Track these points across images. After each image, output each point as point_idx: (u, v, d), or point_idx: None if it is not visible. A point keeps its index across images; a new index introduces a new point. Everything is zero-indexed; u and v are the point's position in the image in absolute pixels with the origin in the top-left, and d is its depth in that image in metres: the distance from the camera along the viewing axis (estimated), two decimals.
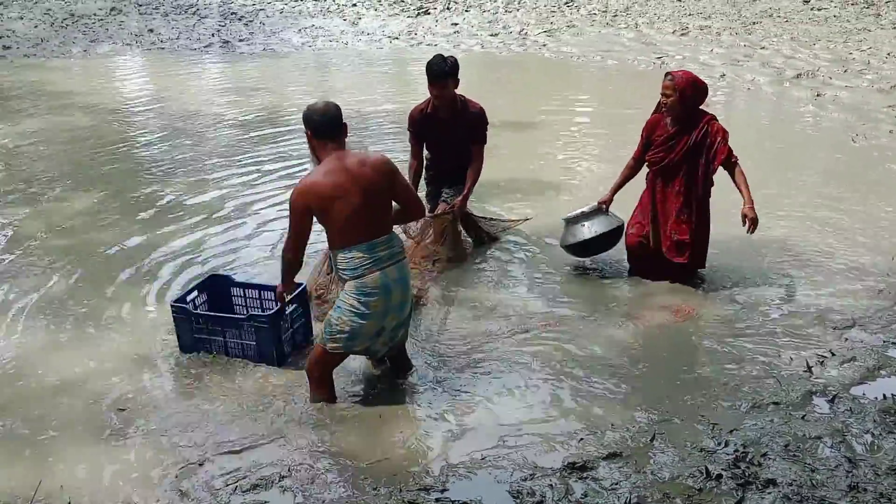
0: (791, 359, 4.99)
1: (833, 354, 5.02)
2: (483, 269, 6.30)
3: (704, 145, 5.62)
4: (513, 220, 7.01)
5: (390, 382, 4.81)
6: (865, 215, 7.20)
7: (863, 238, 6.72)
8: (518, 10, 18.53)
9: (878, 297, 5.75)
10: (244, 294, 5.36)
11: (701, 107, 5.71)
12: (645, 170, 5.96)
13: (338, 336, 4.41)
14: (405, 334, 4.71)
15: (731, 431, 4.27)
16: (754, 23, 16.45)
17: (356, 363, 4.92)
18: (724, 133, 5.64)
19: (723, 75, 12.81)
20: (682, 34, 15.86)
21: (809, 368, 4.86)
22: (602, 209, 6.09)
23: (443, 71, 5.90)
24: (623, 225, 6.08)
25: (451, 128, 6.13)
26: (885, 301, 5.69)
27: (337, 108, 4.40)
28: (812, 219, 7.13)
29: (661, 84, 5.65)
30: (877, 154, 8.96)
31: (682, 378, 4.84)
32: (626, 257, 6.14)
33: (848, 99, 11.18)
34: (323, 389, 4.59)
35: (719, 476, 3.92)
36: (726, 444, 4.16)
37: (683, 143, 5.64)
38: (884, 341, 5.18)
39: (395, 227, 4.60)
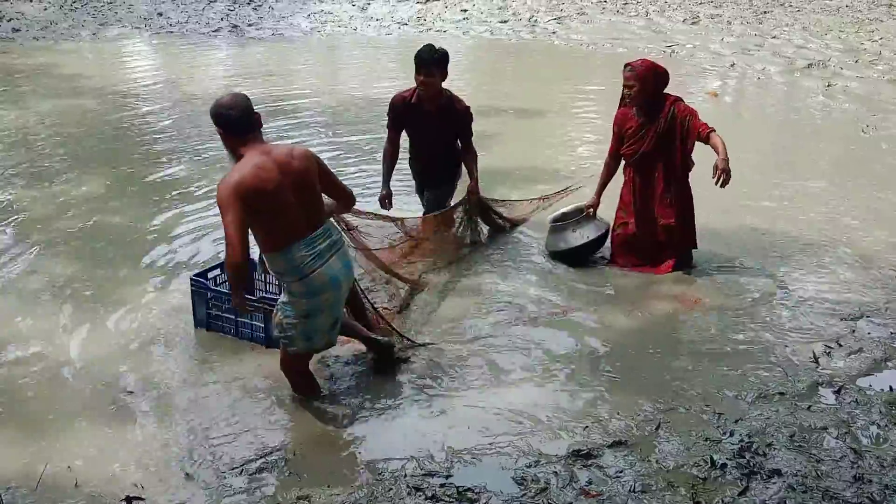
0: (797, 349, 4.99)
1: (840, 345, 5.01)
2: (489, 258, 6.29)
3: (675, 127, 5.63)
4: (540, 199, 6.99)
5: (393, 368, 4.82)
6: (875, 206, 7.18)
7: (872, 229, 6.70)
8: None
9: (885, 288, 5.74)
10: (265, 279, 5.30)
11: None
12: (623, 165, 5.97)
13: (295, 339, 4.29)
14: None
15: (737, 421, 4.27)
16: (765, 12, 16.37)
17: (360, 348, 4.94)
18: (693, 111, 5.67)
19: (733, 64, 12.76)
20: (693, 23, 15.79)
21: (816, 359, 4.86)
22: (588, 213, 6.06)
23: (431, 59, 5.78)
24: (609, 228, 6.07)
25: (433, 121, 6.00)
26: (893, 293, 5.67)
27: (246, 100, 4.15)
28: (821, 209, 7.12)
29: (673, 72, 5.68)
30: (886, 145, 8.93)
31: (688, 367, 4.84)
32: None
33: (859, 89, 11.13)
34: (301, 387, 4.53)
35: (724, 465, 3.92)
36: (731, 434, 4.16)
37: (653, 130, 5.66)
38: (891, 333, 5.17)
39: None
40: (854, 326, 5.24)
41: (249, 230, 4.01)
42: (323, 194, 4.28)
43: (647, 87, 5.58)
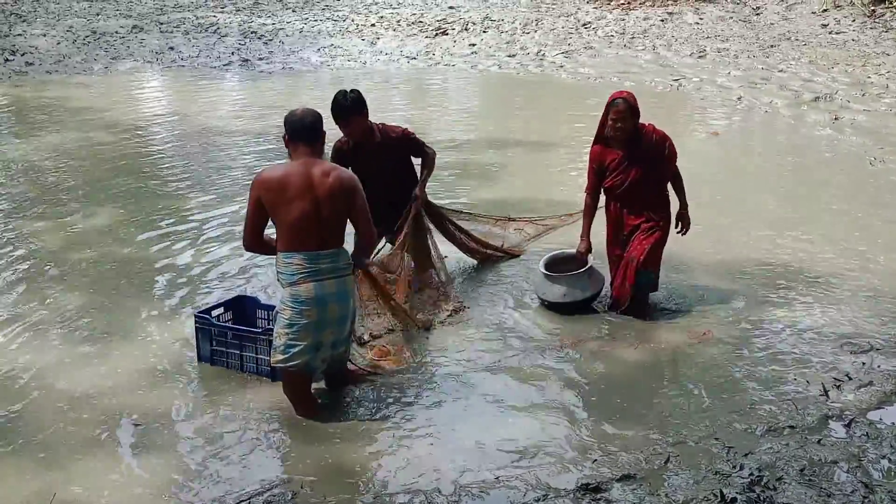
0: (807, 382, 4.96)
1: (850, 378, 4.99)
2: (496, 288, 6.29)
3: (657, 153, 5.64)
4: (507, 219, 6.95)
5: (401, 400, 4.82)
6: (883, 239, 7.16)
7: (881, 262, 6.68)
8: (536, 31, 18.60)
9: (895, 321, 5.71)
10: (269, 317, 5.29)
11: None
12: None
13: (278, 347, 4.46)
14: (346, 352, 4.72)
15: (747, 455, 4.24)
16: (772, 46, 16.43)
17: (374, 378, 4.94)
18: (669, 137, 5.71)
19: (740, 98, 12.80)
20: (700, 56, 15.87)
21: (826, 392, 4.83)
22: (580, 258, 5.92)
23: (344, 107, 5.61)
24: (603, 280, 5.97)
25: (377, 156, 5.80)
26: None
27: (315, 117, 4.54)
28: (829, 242, 7.10)
29: (680, 106, 5.68)
30: (895, 178, 8.92)
31: (697, 400, 4.82)
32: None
33: (866, 122, 11.14)
34: (299, 408, 4.61)
35: (734, 500, 3.89)
36: (741, 468, 4.14)
37: (639, 159, 5.63)
38: None
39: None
40: (864, 359, 5.21)
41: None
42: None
43: (636, 118, 5.60)
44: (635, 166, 5.63)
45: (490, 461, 4.22)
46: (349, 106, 5.64)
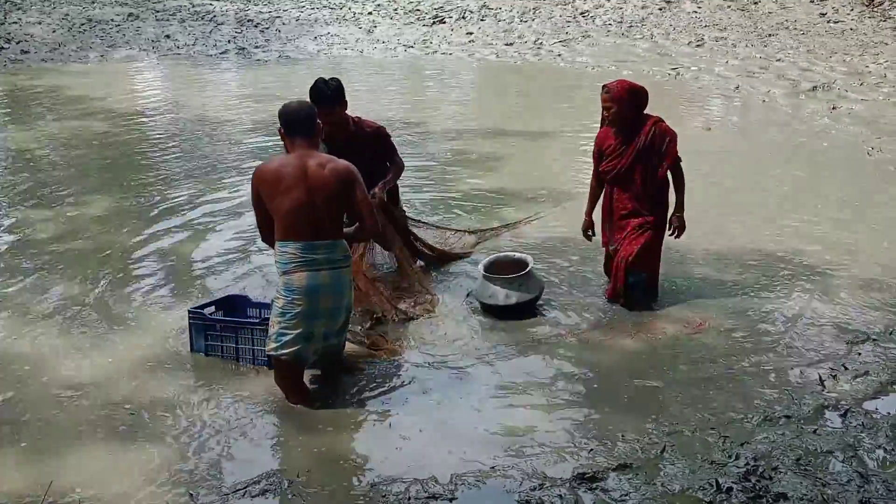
0: (803, 372, 4.96)
1: (846, 368, 4.99)
2: None
3: (654, 147, 5.60)
4: (467, 231, 6.91)
5: (398, 390, 4.82)
6: (880, 229, 7.16)
7: (877, 251, 6.68)
8: (533, 20, 18.56)
9: (891, 311, 5.71)
10: (261, 315, 5.25)
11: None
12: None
13: (271, 336, 4.50)
14: (338, 345, 4.72)
15: (742, 444, 4.25)
16: (770, 35, 16.41)
17: (370, 368, 4.95)
18: (674, 133, 5.66)
19: (737, 87, 12.79)
20: (698, 45, 15.85)
21: (822, 382, 4.83)
22: (587, 234, 5.95)
23: (326, 96, 5.51)
24: (542, 289, 5.83)
25: (349, 151, 5.46)
26: None
27: (311, 109, 4.59)
28: (826, 232, 7.10)
29: (677, 95, 5.66)
30: (892, 167, 8.92)
31: (693, 390, 4.81)
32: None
33: (864, 112, 11.14)
34: (290, 396, 4.62)
35: (730, 489, 3.90)
36: (737, 458, 4.14)
37: (632, 148, 5.61)
38: None
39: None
40: (860, 349, 5.22)
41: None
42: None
43: (623, 107, 5.56)
44: (628, 154, 5.63)
45: (486, 450, 4.22)
46: (331, 95, 5.57)
